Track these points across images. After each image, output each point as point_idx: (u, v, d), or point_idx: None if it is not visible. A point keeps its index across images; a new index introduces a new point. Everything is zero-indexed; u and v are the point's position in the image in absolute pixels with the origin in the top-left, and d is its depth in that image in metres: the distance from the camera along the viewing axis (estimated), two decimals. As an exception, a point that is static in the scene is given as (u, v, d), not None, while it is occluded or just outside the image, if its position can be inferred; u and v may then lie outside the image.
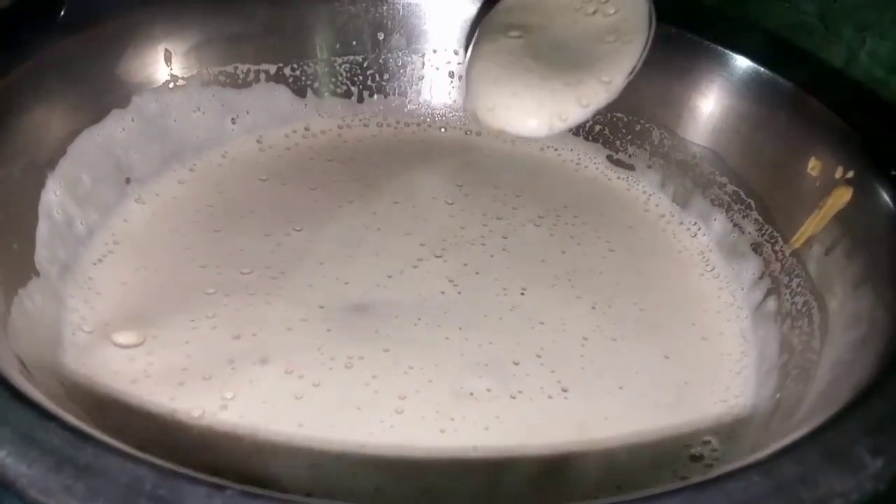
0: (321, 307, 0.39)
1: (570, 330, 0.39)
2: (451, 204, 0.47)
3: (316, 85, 0.53)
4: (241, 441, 0.33)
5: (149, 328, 0.37)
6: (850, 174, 0.38)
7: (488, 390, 0.36)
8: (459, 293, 0.41)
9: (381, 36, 0.53)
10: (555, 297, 0.41)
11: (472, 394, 0.35)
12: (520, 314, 0.40)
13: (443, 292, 0.41)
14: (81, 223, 0.41)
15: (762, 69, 0.44)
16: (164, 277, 0.40)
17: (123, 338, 0.37)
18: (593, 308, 0.41)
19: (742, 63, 0.45)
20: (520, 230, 0.46)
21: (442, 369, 0.36)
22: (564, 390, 0.36)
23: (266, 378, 0.35)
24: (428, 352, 0.37)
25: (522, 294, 0.41)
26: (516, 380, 0.36)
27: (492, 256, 0.44)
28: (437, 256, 0.43)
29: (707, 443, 0.35)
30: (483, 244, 0.44)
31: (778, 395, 0.35)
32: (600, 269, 0.44)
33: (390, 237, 0.44)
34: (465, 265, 0.43)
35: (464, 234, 0.45)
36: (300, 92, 0.52)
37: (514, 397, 0.36)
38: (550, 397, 0.36)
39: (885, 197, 0.36)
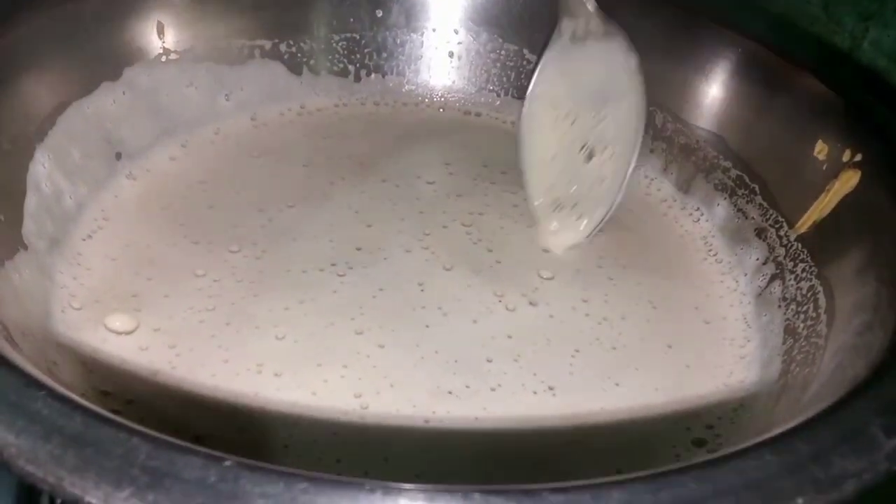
0: (329, 270, 0.39)
1: (565, 313, 0.39)
2: (432, 183, 0.47)
3: (312, 62, 0.52)
4: (227, 420, 0.32)
5: (140, 306, 0.36)
6: (858, 157, 0.37)
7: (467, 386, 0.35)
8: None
9: (379, 13, 0.52)
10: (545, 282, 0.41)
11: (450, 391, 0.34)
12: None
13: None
14: (70, 197, 0.40)
15: (768, 52, 0.43)
16: (155, 253, 0.40)
17: (118, 322, 0.36)
18: (589, 293, 0.40)
19: (747, 45, 0.44)
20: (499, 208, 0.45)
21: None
22: (551, 388, 0.35)
23: (256, 356, 0.35)
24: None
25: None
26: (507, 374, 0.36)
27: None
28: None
29: (710, 427, 0.34)
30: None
31: (782, 381, 0.35)
32: (599, 254, 0.43)
33: (365, 215, 0.44)
34: (426, 238, 0.43)
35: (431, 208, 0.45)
36: (296, 69, 0.51)
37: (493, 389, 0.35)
38: (535, 392, 0.35)
39: (893, 180, 0.35)
